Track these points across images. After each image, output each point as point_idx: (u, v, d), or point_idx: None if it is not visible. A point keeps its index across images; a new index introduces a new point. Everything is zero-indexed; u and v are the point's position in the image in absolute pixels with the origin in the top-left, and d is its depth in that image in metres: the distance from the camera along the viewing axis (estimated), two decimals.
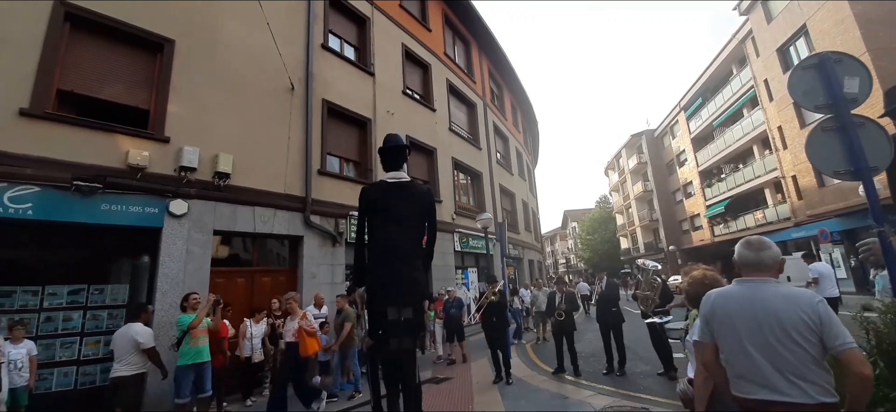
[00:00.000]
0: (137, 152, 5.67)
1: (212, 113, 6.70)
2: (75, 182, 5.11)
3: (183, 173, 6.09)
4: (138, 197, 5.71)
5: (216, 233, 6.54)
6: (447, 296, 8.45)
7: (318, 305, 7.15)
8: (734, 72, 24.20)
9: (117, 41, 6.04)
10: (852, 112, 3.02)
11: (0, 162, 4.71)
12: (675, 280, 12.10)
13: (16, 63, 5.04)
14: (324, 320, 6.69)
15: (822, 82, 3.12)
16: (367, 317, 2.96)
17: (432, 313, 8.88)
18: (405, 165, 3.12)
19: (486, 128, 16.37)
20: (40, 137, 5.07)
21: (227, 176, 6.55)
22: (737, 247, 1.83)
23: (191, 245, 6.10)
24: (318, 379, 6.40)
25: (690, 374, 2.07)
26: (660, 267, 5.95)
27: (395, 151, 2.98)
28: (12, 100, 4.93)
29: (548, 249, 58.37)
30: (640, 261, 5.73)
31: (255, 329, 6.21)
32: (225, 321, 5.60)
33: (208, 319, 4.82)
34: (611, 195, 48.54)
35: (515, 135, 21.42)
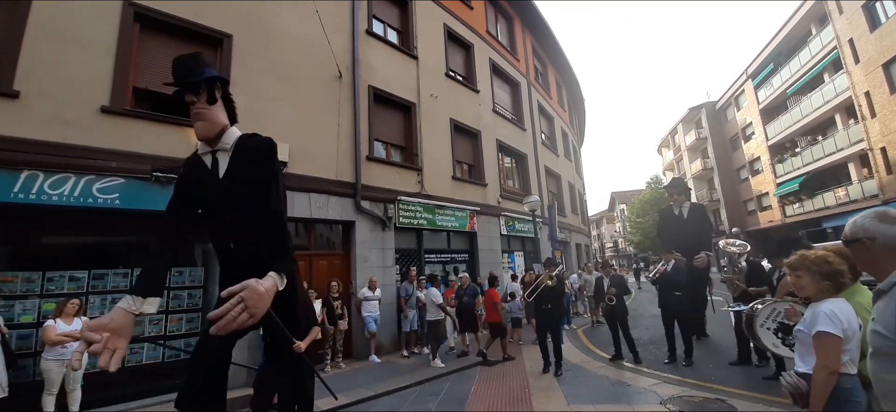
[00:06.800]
0: None
1: (268, 103, 6.95)
2: (154, 173, 5.52)
3: None
4: None
5: None
6: (459, 283, 7.53)
7: (372, 288, 7.35)
8: (813, 32, 21.45)
9: (181, 38, 6.37)
10: None
11: (89, 156, 5.19)
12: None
13: (95, 64, 5.46)
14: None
15: None
16: None
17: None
18: None
19: (530, 107, 15.80)
20: (121, 132, 5.51)
21: (284, 164, 6.81)
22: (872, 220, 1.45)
23: None
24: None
25: (801, 368, 1.83)
26: (748, 248, 5.36)
27: None
28: (95, 98, 5.38)
29: (594, 233, 56.25)
30: (722, 243, 5.17)
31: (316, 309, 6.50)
32: None
33: None
34: (664, 175, 45.60)
35: (560, 114, 20.56)
